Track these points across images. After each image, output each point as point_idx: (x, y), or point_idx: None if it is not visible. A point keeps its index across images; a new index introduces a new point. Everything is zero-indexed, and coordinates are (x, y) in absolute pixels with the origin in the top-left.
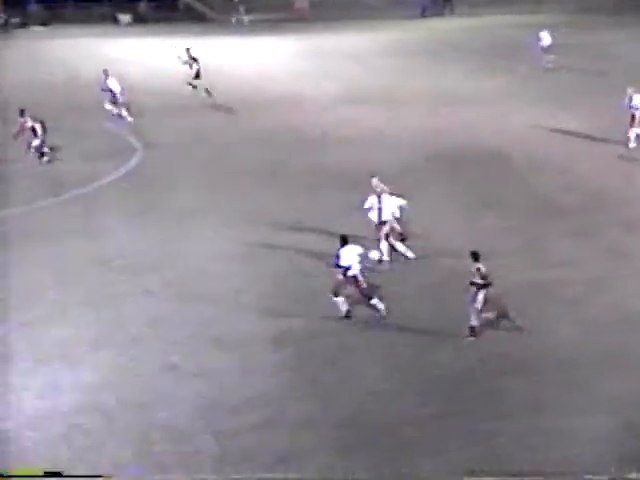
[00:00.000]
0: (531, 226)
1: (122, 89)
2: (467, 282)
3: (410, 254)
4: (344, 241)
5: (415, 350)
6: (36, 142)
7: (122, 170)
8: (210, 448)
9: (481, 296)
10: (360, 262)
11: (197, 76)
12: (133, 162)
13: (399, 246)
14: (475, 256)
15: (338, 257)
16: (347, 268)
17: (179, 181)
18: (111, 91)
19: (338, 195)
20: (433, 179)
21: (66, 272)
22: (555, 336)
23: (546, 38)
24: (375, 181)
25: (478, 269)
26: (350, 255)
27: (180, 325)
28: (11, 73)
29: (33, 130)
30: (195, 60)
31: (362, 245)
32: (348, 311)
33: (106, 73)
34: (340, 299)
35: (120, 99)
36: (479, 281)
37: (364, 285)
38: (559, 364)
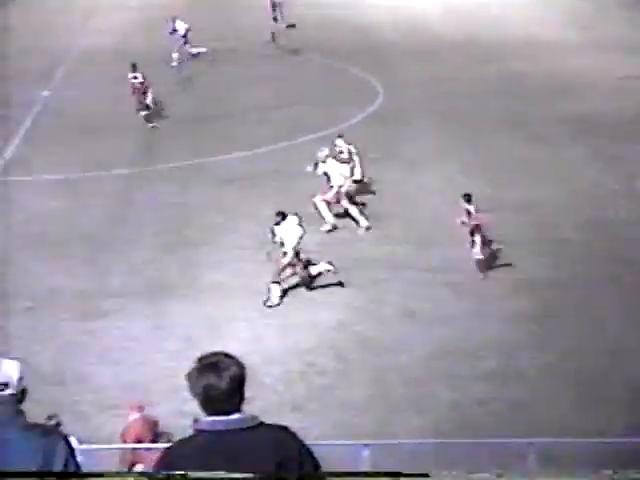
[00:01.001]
0: None
1: (188, 29)
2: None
3: (363, 222)
4: (282, 217)
5: None
6: (148, 99)
7: (363, 114)
8: (444, 393)
9: (478, 237)
10: (299, 239)
11: (275, 20)
12: (374, 106)
13: (353, 210)
14: (468, 198)
15: (274, 234)
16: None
17: (417, 127)
18: (177, 31)
19: (577, 145)
20: None
21: (301, 212)
22: None
23: None
24: (339, 142)
25: (468, 211)
26: (288, 231)
27: (418, 270)
28: (239, 17)
29: (142, 86)
30: (276, 5)
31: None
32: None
33: (173, 19)
34: (277, 287)
35: (188, 39)
36: (473, 222)
37: (302, 264)
38: None
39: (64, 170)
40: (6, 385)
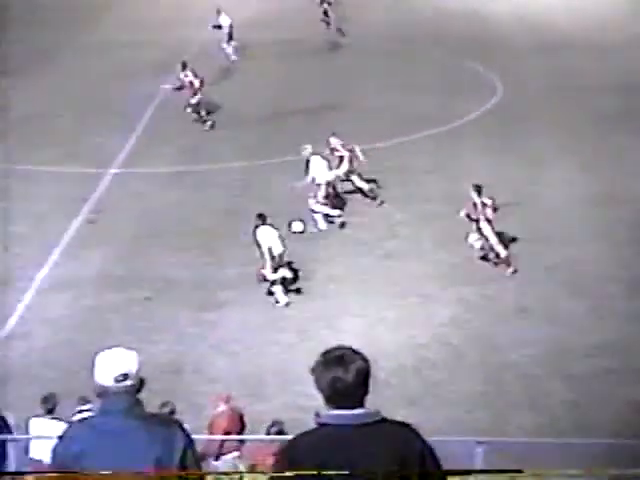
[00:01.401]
0: None
1: (231, 25)
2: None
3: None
4: (262, 220)
5: None
6: (193, 100)
7: (482, 108)
8: (560, 391)
9: (488, 229)
10: (282, 240)
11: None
12: (493, 100)
13: (327, 210)
14: (478, 189)
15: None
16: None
17: (537, 122)
18: (221, 27)
19: None
20: None
21: (417, 208)
22: None
23: None
24: (333, 140)
25: (484, 203)
26: (268, 235)
27: (533, 267)
28: (365, 9)
29: (191, 85)
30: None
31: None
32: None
33: (218, 11)
34: (278, 287)
35: (230, 36)
36: (486, 215)
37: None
38: None
39: (182, 162)
40: (126, 376)
